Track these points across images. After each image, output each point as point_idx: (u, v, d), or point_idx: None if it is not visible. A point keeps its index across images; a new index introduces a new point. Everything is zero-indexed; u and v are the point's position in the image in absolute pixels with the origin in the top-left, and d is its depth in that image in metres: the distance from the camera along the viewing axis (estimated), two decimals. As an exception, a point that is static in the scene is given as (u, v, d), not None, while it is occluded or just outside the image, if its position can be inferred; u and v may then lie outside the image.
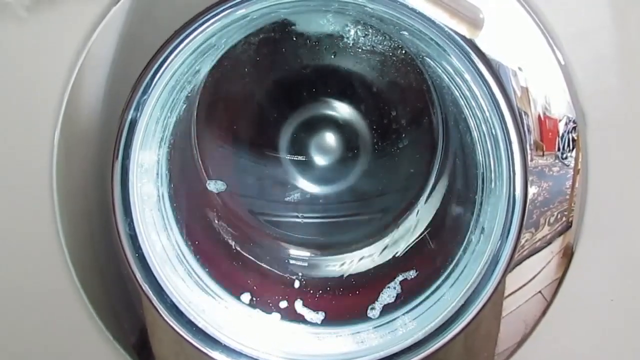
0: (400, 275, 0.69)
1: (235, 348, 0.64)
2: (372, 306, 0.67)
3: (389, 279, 0.69)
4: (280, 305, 0.69)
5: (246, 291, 0.68)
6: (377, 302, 0.68)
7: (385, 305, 0.68)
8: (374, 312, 0.67)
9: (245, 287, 0.69)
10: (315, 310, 0.68)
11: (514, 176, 0.57)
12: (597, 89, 0.55)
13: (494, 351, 0.61)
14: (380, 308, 0.67)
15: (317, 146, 0.80)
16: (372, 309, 0.67)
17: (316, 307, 0.69)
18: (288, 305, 0.69)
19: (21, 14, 0.53)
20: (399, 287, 0.69)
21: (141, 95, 0.57)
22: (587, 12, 0.54)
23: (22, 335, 0.64)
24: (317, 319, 0.68)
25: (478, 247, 0.62)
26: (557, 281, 0.59)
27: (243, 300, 0.68)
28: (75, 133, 0.57)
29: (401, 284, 0.69)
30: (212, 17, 0.55)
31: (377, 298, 0.68)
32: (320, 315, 0.68)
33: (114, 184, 0.58)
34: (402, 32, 0.62)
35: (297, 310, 0.69)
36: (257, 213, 0.80)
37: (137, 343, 0.62)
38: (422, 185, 0.78)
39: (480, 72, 0.55)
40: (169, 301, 0.62)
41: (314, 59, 0.74)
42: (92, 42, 0.55)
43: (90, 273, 0.61)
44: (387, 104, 0.78)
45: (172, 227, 0.66)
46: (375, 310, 0.67)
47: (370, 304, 0.68)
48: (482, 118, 0.59)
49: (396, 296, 0.68)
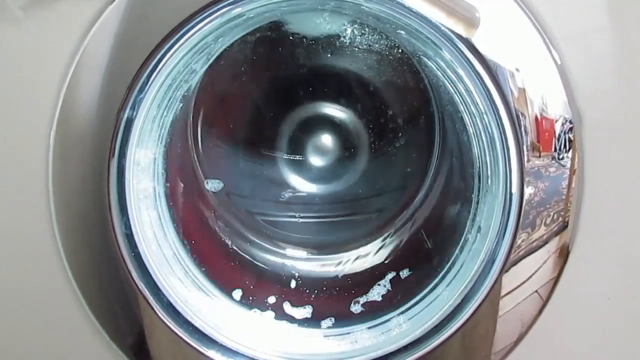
0: (390, 273, 0.69)
1: (232, 347, 0.64)
2: (357, 300, 0.68)
3: (383, 278, 0.70)
4: (276, 305, 0.69)
5: (243, 291, 0.68)
6: (362, 297, 0.68)
7: (373, 302, 0.68)
8: (356, 307, 0.67)
9: (242, 286, 0.69)
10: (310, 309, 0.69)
11: (510, 175, 0.57)
12: (594, 89, 0.55)
13: (490, 350, 0.61)
14: (364, 302, 0.68)
15: (314, 145, 0.80)
16: (355, 303, 0.67)
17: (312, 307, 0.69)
18: (284, 305, 0.69)
19: (17, 14, 0.53)
20: (389, 284, 0.69)
21: (137, 94, 0.57)
22: (583, 13, 0.54)
23: (19, 337, 0.63)
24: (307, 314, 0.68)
25: (474, 246, 0.62)
26: (554, 281, 0.59)
27: (240, 300, 0.68)
28: (71, 132, 0.57)
29: (391, 281, 0.69)
30: (208, 15, 0.55)
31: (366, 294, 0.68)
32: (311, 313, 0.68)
33: (110, 183, 0.58)
34: (399, 31, 0.62)
35: (293, 310, 0.69)
36: (254, 212, 0.80)
37: (134, 344, 0.62)
38: (418, 184, 0.78)
39: (477, 72, 0.55)
40: (166, 300, 0.62)
41: (311, 58, 0.74)
42: (88, 42, 0.55)
43: (87, 273, 0.61)
44: (383, 103, 0.78)
45: (168, 227, 0.66)
46: (358, 305, 0.67)
47: (355, 299, 0.68)
48: (478, 117, 0.59)
49: (385, 294, 0.68)
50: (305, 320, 0.68)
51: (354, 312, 0.68)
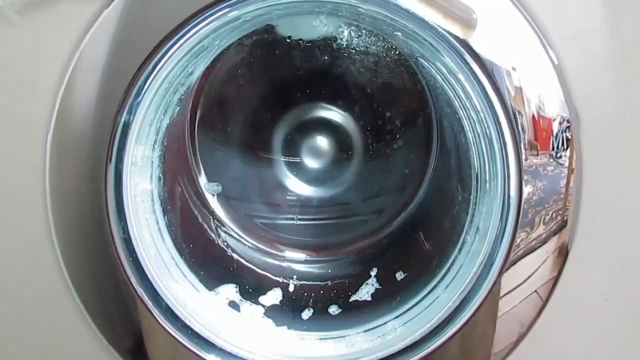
0: (373, 269, 0.69)
1: (230, 351, 0.63)
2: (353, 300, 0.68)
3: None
4: (274, 308, 0.69)
5: (241, 294, 0.68)
6: (355, 296, 0.68)
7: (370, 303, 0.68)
8: (333, 309, 0.68)
9: (241, 289, 0.69)
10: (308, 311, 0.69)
11: (508, 176, 0.57)
12: (591, 88, 0.55)
13: (490, 351, 0.61)
14: (354, 300, 0.68)
15: (311, 148, 0.80)
16: (349, 304, 0.68)
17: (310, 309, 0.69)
18: (283, 307, 0.69)
19: (12, 17, 0.53)
20: (376, 282, 0.69)
21: (134, 97, 0.57)
22: (580, 12, 0.54)
23: (17, 341, 0.63)
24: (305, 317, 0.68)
25: (473, 247, 0.62)
26: (553, 280, 0.59)
27: (238, 303, 0.68)
28: (68, 136, 0.57)
29: (379, 279, 0.69)
30: (204, 19, 0.55)
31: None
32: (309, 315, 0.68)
33: (108, 187, 0.58)
34: (396, 33, 0.62)
35: (291, 312, 0.69)
36: (252, 215, 0.80)
37: (132, 347, 0.62)
38: (416, 186, 0.78)
39: (474, 72, 0.55)
40: (164, 304, 0.62)
41: (308, 61, 0.74)
42: (84, 45, 0.55)
43: (85, 277, 0.61)
44: (381, 105, 0.78)
45: (166, 230, 0.66)
46: (334, 308, 0.68)
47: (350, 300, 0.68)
48: (476, 118, 0.59)
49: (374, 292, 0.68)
50: (303, 323, 0.68)
51: (350, 314, 0.67)
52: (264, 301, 0.69)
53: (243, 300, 0.68)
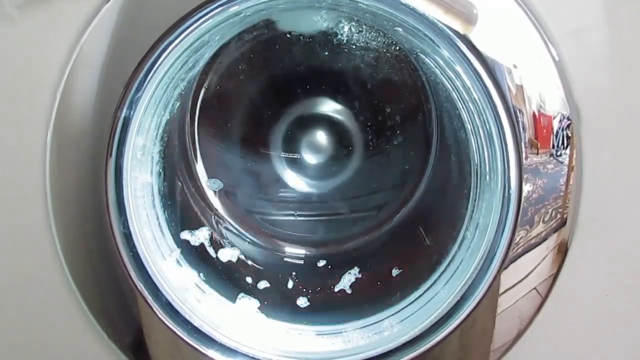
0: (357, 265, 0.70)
1: (230, 346, 0.64)
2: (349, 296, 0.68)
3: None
4: (274, 302, 0.69)
5: (241, 290, 0.68)
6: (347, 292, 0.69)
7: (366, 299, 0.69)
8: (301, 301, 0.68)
9: (240, 285, 0.69)
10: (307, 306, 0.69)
11: (508, 172, 0.57)
12: (592, 86, 0.55)
13: (489, 347, 0.61)
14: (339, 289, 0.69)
15: (311, 143, 0.80)
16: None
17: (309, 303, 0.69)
18: (282, 302, 0.69)
19: (13, 13, 0.53)
20: (358, 273, 0.70)
21: (134, 93, 0.57)
22: (581, 9, 0.54)
23: (17, 337, 0.63)
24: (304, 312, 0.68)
25: (473, 243, 0.62)
26: (552, 277, 0.59)
27: (238, 299, 0.68)
28: (68, 132, 0.57)
29: (361, 269, 0.70)
30: (205, 14, 0.55)
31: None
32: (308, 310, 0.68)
33: (108, 183, 0.58)
34: (396, 28, 0.62)
35: (290, 307, 0.69)
36: (252, 211, 0.80)
37: (133, 343, 0.62)
38: (416, 182, 0.78)
39: (475, 69, 0.55)
40: (164, 300, 0.62)
41: (308, 56, 0.74)
42: (84, 41, 0.55)
43: (85, 273, 0.61)
44: (381, 100, 0.78)
45: (166, 226, 0.66)
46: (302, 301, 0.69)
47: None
48: (476, 114, 0.59)
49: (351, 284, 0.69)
50: (301, 318, 0.68)
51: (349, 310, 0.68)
52: (264, 296, 0.69)
53: (243, 296, 0.68)
